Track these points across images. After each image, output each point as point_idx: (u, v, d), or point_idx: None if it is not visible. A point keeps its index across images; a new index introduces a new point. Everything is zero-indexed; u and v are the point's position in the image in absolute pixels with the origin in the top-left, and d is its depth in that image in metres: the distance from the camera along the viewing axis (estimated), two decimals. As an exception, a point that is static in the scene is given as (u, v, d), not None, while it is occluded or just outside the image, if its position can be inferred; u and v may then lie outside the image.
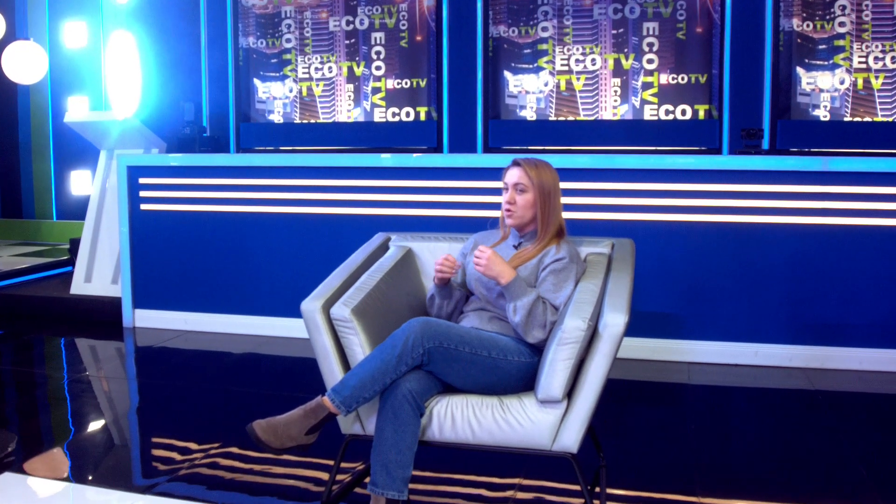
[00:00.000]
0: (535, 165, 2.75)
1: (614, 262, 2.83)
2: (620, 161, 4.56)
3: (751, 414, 3.92)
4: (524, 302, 2.56)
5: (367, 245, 3.13)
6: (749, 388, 4.22)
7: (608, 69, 6.50)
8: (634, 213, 4.51)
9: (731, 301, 4.48)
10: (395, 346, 2.43)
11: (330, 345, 2.60)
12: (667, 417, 3.87)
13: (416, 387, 2.44)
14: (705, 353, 4.52)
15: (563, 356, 2.39)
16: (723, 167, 4.43)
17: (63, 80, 7.86)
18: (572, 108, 6.59)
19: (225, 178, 5.21)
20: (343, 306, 2.58)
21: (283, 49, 7.20)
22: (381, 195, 4.89)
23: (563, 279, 2.66)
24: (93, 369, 4.75)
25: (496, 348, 2.53)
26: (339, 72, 7.08)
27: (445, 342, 2.45)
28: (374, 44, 6.99)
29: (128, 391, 4.31)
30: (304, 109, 7.20)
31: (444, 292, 2.83)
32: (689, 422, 3.75)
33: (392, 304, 2.80)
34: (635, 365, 4.52)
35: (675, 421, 3.80)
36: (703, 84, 6.34)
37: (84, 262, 5.89)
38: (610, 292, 2.55)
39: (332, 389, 2.46)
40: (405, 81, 6.96)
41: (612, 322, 2.39)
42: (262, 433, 2.40)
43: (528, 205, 2.75)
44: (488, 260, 2.61)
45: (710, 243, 4.46)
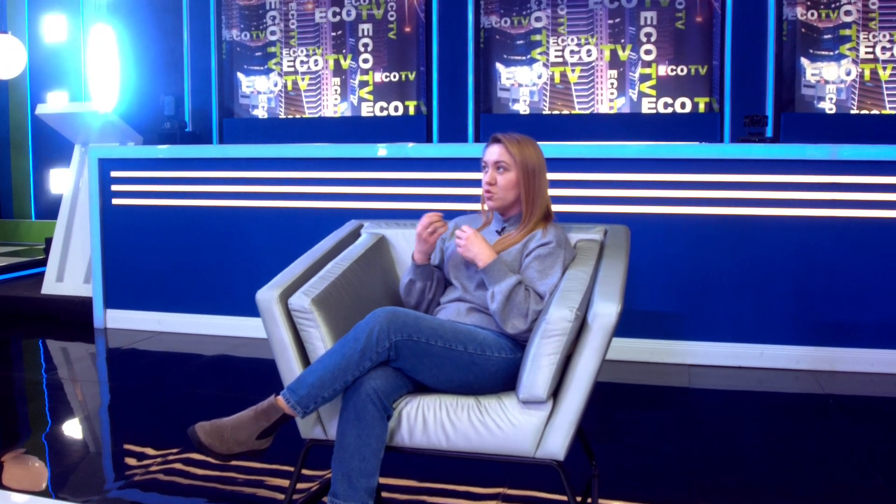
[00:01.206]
0: (517, 141, 2.48)
1: (607, 248, 2.56)
2: (616, 150, 4.30)
3: (756, 419, 3.64)
4: (502, 286, 2.29)
5: (336, 232, 2.87)
6: (754, 392, 3.95)
7: (604, 60, 6.24)
8: (631, 206, 4.25)
9: (734, 299, 4.20)
10: (357, 340, 2.16)
11: (288, 338, 2.32)
12: (666, 423, 3.59)
13: (383, 385, 2.17)
14: (707, 354, 4.24)
15: (547, 350, 2.11)
16: (725, 156, 4.17)
17: (42, 74, 7.61)
18: (567, 102, 6.33)
19: (200, 171, 4.95)
20: (303, 296, 2.31)
21: (267, 42, 6.94)
22: (366, 188, 4.63)
23: (549, 265, 2.39)
24: (56, 372, 4.47)
25: (474, 342, 2.26)
26: (326, 65, 6.83)
27: (415, 335, 2.18)
28: (362, 35, 6.74)
29: (90, 394, 4.03)
30: (290, 104, 6.94)
31: (425, 272, 2.54)
32: (690, 428, 3.48)
33: (361, 295, 2.53)
34: (632, 367, 4.25)
35: (674, 427, 3.52)
36: (704, 76, 6.09)
37: (56, 260, 5.62)
38: (601, 280, 2.28)
39: (287, 388, 2.19)
40: (393, 75, 6.70)
41: (602, 312, 2.12)
42: (206, 437, 2.13)
43: (511, 185, 2.48)
44: (468, 240, 2.35)
45: (711, 237, 4.20)
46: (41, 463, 3.08)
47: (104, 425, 3.58)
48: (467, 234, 2.36)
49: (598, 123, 6.25)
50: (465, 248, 2.36)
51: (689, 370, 4.20)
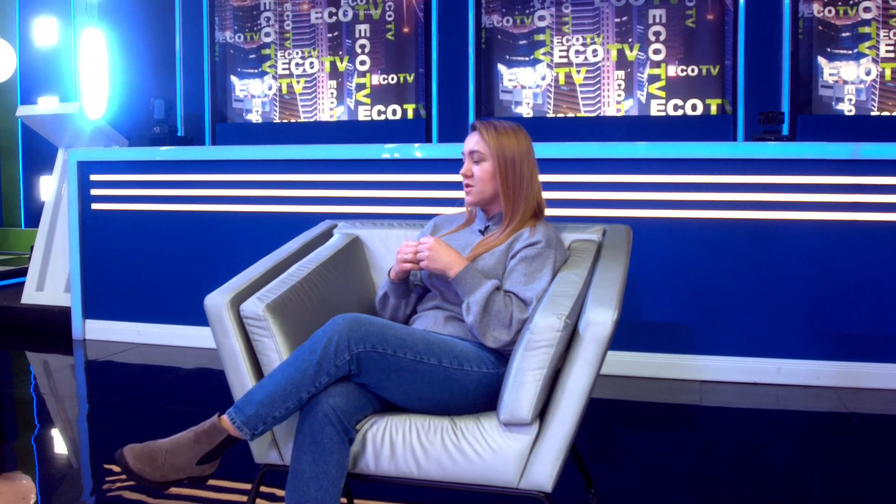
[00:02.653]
0: (494, 129, 2.21)
1: (605, 249, 2.27)
2: (621, 150, 4.02)
3: (773, 440, 3.32)
4: (477, 296, 2.01)
5: (306, 233, 2.59)
6: (771, 411, 3.64)
7: (611, 61, 5.96)
8: (637, 209, 3.96)
9: (748, 310, 3.90)
10: (313, 351, 1.87)
11: (240, 349, 2.05)
12: (675, 444, 3.29)
13: (343, 403, 1.88)
14: (719, 369, 3.94)
15: (532, 364, 1.82)
16: (738, 155, 3.88)
17: (33, 78, 7.39)
18: (572, 104, 6.06)
19: (183, 174, 4.70)
20: (257, 301, 2.04)
21: (262, 44, 6.70)
22: (361, 191, 4.35)
23: (536, 268, 2.10)
24: (27, 385, 4.20)
25: (449, 355, 1.97)
26: (322, 67, 6.58)
27: (380, 345, 1.89)
28: (359, 37, 6.49)
29: (60, 409, 3.76)
30: (285, 108, 6.69)
31: (400, 289, 2.28)
32: (701, 450, 3.18)
33: (328, 301, 2.25)
34: (638, 384, 3.95)
35: (684, 448, 3.22)
36: (716, 76, 5.80)
37: (37, 269, 5.37)
38: (596, 284, 2.00)
39: (233, 406, 1.91)
40: (391, 77, 6.44)
41: (595, 319, 1.82)
42: (135, 461, 1.84)
43: (487, 177, 2.21)
44: (431, 251, 2.08)
45: (724, 243, 3.90)
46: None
47: (74, 441, 3.31)
48: (429, 244, 2.09)
49: (605, 126, 5.97)
50: (431, 261, 2.09)
51: (700, 387, 3.90)
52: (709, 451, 3.16)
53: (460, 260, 2.08)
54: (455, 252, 2.10)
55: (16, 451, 3.18)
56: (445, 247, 2.10)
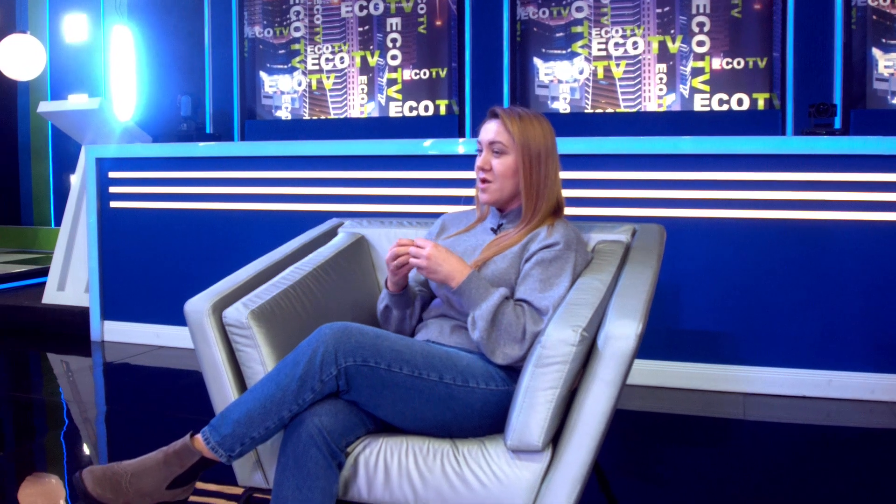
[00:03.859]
0: (518, 117, 1.98)
1: (633, 252, 2.03)
2: (664, 145, 3.77)
3: (823, 458, 3.04)
4: (483, 309, 1.79)
5: (309, 232, 2.39)
6: (821, 427, 3.36)
7: (652, 53, 5.68)
8: (679, 209, 3.71)
9: (797, 317, 3.61)
10: (297, 364, 1.67)
11: (222, 360, 1.85)
12: (715, 462, 3.02)
13: (330, 423, 1.68)
14: (765, 382, 3.66)
15: (544, 384, 1.60)
16: (786, 151, 3.60)
17: (63, 76, 7.32)
18: (611, 99, 5.78)
19: (205, 171, 4.54)
20: (242, 307, 1.84)
21: (291, 38, 6.54)
22: (391, 189, 4.15)
23: (554, 273, 1.87)
24: (40, 389, 4.07)
25: (453, 370, 1.75)
26: (352, 62, 6.39)
27: (372, 358, 1.68)
28: (390, 30, 6.28)
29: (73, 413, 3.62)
30: (314, 104, 6.51)
31: (402, 301, 2.06)
32: (745, 468, 2.91)
33: (322, 309, 2.04)
34: (676, 395, 3.69)
35: (725, 466, 2.95)
36: (763, 69, 5.48)
37: (58, 268, 5.27)
38: (620, 292, 1.76)
39: (209, 424, 1.70)
40: (423, 72, 6.23)
41: (616, 332, 1.59)
42: (94, 486, 1.65)
43: (509, 172, 1.97)
44: (429, 258, 1.85)
45: (771, 245, 3.62)
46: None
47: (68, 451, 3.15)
48: (426, 252, 1.85)
49: (646, 122, 5.68)
50: (429, 270, 1.86)
51: (743, 400, 3.62)
52: (752, 469, 2.89)
53: (462, 268, 1.85)
54: (456, 259, 1.87)
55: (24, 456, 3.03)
56: (445, 253, 1.87)
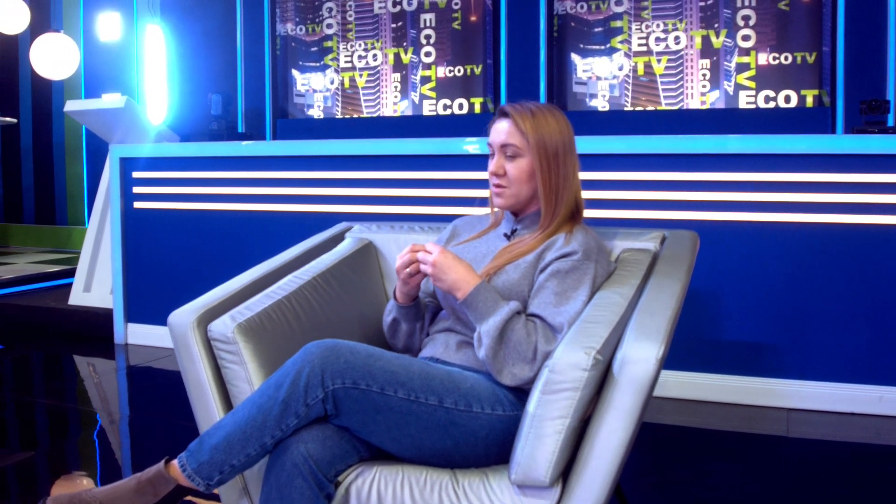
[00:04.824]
0: (531, 114, 1.81)
1: (661, 262, 1.84)
2: (707, 144, 3.57)
3: (872, 480, 2.82)
4: (491, 324, 1.61)
5: (315, 237, 2.24)
6: (870, 445, 3.12)
7: (695, 49, 5.44)
8: (720, 211, 3.50)
9: (846, 328, 3.38)
10: (280, 386, 1.51)
11: (208, 378, 1.70)
12: (755, 482, 2.81)
13: (318, 451, 1.52)
14: (810, 397, 3.43)
15: (552, 412, 1.42)
16: (836, 150, 3.37)
17: (97, 75, 7.29)
18: (652, 97, 5.56)
19: (231, 171, 4.42)
20: (229, 320, 1.69)
21: (323, 35, 6.41)
22: (427, 190, 4.00)
23: (571, 285, 1.69)
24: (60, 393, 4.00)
25: (455, 392, 1.58)
26: (385, 59, 6.24)
27: (363, 381, 1.52)
28: (424, 26, 6.13)
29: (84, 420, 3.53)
30: (347, 103, 6.38)
31: (411, 313, 1.90)
32: (787, 489, 2.70)
33: (320, 322, 1.89)
34: (714, 410, 3.48)
35: (766, 487, 2.74)
36: (812, 64, 5.22)
37: (84, 270, 5.21)
38: (643, 308, 1.58)
39: (186, 450, 1.56)
40: (458, 69, 6.06)
41: (634, 356, 1.41)
42: (59, 517, 1.52)
43: (525, 176, 1.80)
44: (436, 265, 1.68)
45: (818, 251, 3.39)
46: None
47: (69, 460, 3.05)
48: (433, 258, 1.69)
49: (689, 120, 5.44)
50: (436, 278, 1.69)
51: (787, 415, 3.40)
52: (795, 490, 2.68)
53: (470, 277, 1.69)
54: (465, 266, 1.70)
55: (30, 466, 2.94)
56: (453, 260, 1.70)
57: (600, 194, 3.75)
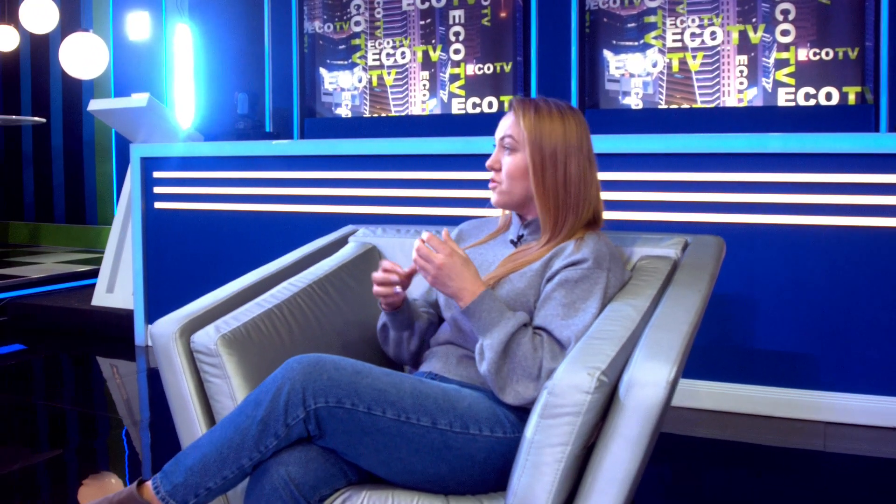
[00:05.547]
0: (535, 109, 1.68)
1: (681, 270, 1.70)
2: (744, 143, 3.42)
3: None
4: (495, 337, 1.49)
5: (318, 241, 2.13)
6: (914, 464, 2.95)
7: (732, 44, 5.25)
8: (754, 214, 3.34)
9: (888, 338, 3.20)
10: (258, 404, 1.40)
11: (190, 392, 1.60)
12: (789, 499, 2.65)
13: (300, 475, 1.41)
14: (849, 409, 3.25)
15: (552, 439, 1.29)
16: (880, 150, 3.18)
17: (126, 75, 7.28)
18: (687, 94, 5.38)
19: (255, 171, 4.34)
20: (213, 331, 1.59)
21: (351, 33, 6.32)
22: (458, 191, 3.89)
23: (580, 296, 1.56)
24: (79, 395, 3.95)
25: (449, 413, 1.46)
26: (413, 57, 6.13)
27: (348, 399, 1.40)
28: (453, 23, 6.01)
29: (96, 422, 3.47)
30: (375, 101, 6.28)
31: (398, 321, 1.77)
32: (822, 512, 2.54)
33: (313, 333, 1.77)
34: (747, 422, 3.31)
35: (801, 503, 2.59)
36: (854, 60, 5.00)
37: (107, 270, 5.17)
38: (656, 323, 1.44)
39: (161, 471, 1.45)
40: (487, 66, 5.93)
41: (642, 378, 1.27)
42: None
43: (517, 172, 1.68)
44: (441, 268, 1.55)
45: (861, 256, 3.21)
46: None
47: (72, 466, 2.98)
48: (438, 260, 1.56)
49: (725, 118, 5.25)
50: (436, 279, 1.57)
51: (824, 429, 3.23)
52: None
53: (476, 283, 1.56)
54: (471, 273, 1.57)
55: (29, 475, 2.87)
56: (461, 262, 1.57)
57: (633, 195, 3.62)
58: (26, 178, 7.93)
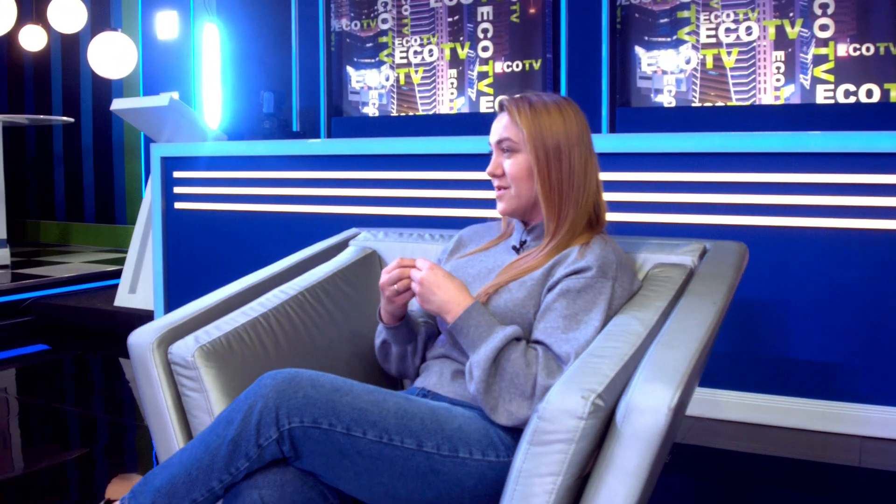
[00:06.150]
0: (530, 105, 1.57)
1: (696, 280, 1.57)
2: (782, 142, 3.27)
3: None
4: (482, 353, 1.37)
5: (316, 245, 2.03)
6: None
7: (768, 40, 5.07)
8: (790, 217, 3.19)
9: (930, 348, 3.03)
10: (229, 423, 1.31)
11: (168, 405, 1.51)
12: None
13: (275, 498, 1.31)
14: (887, 423, 3.08)
15: (542, 469, 1.18)
16: (920, 149, 3.02)
17: (155, 74, 7.27)
18: (722, 91, 5.21)
19: (277, 171, 4.27)
20: (192, 342, 1.49)
21: (378, 31, 6.23)
22: (484, 192, 3.79)
23: (582, 307, 1.44)
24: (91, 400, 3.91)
25: (436, 435, 1.35)
26: (441, 55, 6.03)
27: (325, 419, 1.30)
28: (481, 20, 5.89)
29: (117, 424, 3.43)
30: (402, 100, 6.19)
31: (401, 335, 1.67)
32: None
33: (304, 344, 1.67)
34: (780, 435, 3.16)
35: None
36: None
37: (130, 271, 5.15)
38: (662, 339, 1.31)
39: (130, 491, 1.36)
40: (516, 64, 5.81)
41: (641, 403, 1.15)
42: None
43: (524, 173, 1.57)
44: (422, 283, 1.45)
45: (897, 262, 3.05)
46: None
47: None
48: (422, 275, 1.47)
49: (761, 117, 5.07)
50: (421, 296, 1.47)
51: (860, 444, 3.06)
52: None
53: (462, 297, 1.45)
54: (456, 286, 1.47)
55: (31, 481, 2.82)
56: (444, 278, 1.47)
57: (665, 197, 3.50)
58: (57, 178, 7.97)
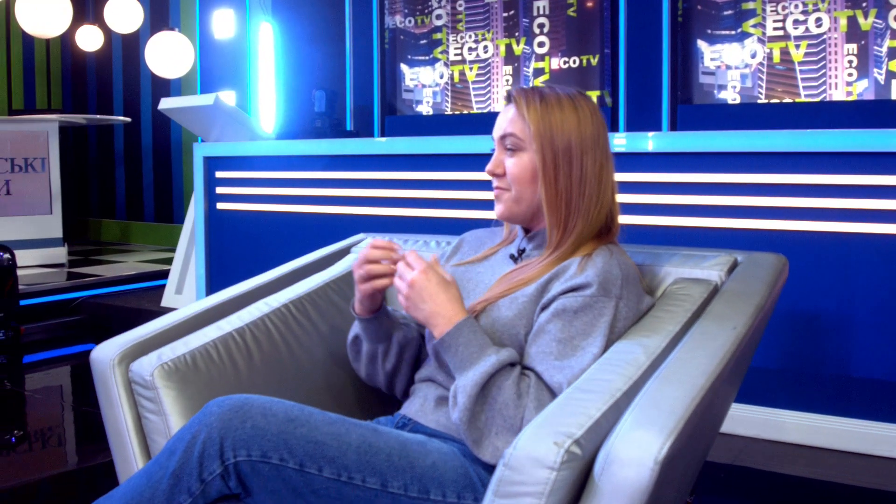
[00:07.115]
0: (541, 98, 1.39)
1: (720, 299, 1.37)
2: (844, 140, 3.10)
3: None
4: (469, 378, 1.21)
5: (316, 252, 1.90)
6: None
7: (839, 32, 4.77)
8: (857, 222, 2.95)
9: None
10: (172, 454, 1.17)
11: (128, 426, 1.39)
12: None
13: (223, 540, 1.17)
14: (963, 450, 2.81)
15: (509, 521, 1.00)
16: None
17: (212, 73, 7.27)
18: (790, 87, 4.92)
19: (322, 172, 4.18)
20: (155, 359, 1.37)
21: (433, 27, 6.10)
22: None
23: (579, 331, 1.26)
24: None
25: (405, 473, 1.19)
26: (496, 51, 5.86)
27: (276, 453, 1.15)
28: (537, 15, 5.71)
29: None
30: (457, 98, 6.04)
31: (373, 329, 1.50)
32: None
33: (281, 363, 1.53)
34: (840, 460, 2.91)
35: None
36: (985, 48, 4.46)
37: (177, 271, 5.13)
38: (664, 374, 1.12)
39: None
40: (573, 59, 5.60)
41: (623, 454, 0.96)
42: None
43: (527, 175, 1.39)
44: (412, 286, 1.29)
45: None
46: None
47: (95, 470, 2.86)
48: (413, 276, 1.30)
49: (832, 114, 4.77)
50: (408, 300, 1.30)
51: (931, 473, 2.80)
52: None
53: (454, 310, 1.28)
54: (450, 296, 1.30)
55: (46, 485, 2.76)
56: (437, 284, 1.30)
57: (730, 200, 3.31)
58: (118, 177, 8.06)
